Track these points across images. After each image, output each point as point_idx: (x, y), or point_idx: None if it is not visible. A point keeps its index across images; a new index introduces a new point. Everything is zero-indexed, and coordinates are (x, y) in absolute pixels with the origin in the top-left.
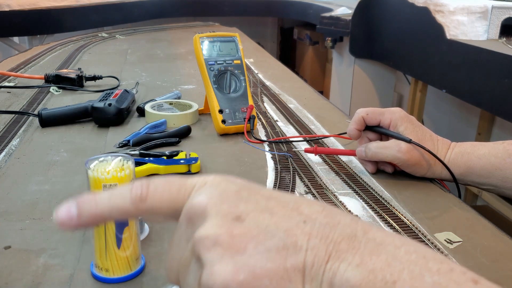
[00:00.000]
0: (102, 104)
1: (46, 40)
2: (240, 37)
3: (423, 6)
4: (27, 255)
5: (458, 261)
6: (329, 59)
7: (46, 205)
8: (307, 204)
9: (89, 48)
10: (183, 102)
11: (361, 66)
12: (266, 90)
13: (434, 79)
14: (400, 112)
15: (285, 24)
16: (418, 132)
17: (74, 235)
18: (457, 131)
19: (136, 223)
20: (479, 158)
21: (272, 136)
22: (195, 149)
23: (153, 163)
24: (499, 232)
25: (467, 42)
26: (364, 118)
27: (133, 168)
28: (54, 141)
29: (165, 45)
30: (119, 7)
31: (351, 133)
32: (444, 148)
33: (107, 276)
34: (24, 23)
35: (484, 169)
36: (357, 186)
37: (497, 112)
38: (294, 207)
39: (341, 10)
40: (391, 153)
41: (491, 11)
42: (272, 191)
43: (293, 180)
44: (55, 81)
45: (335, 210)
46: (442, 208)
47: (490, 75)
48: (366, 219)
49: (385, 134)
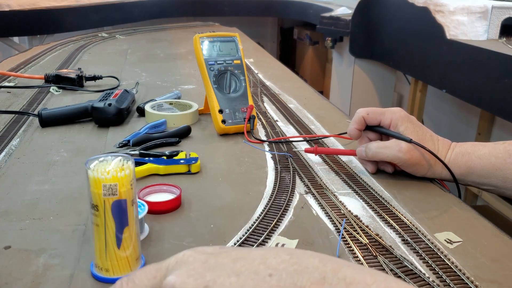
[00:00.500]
0: (102, 104)
1: (46, 40)
2: (240, 37)
3: (423, 6)
4: (27, 255)
5: (458, 261)
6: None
7: (46, 205)
8: (274, 255)
9: (89, 48)
10: (183, 102)
11: (361, 66)
12: (266, 90)
13: (434, 79)
14: (400, 112)
15: (285, 24)
16: (418, 132)
17: (74, 235)
18: (457, 131)
19: (136, 223)
20: (479, 158)
21: (272, 136)
22: (195, 149)
23: (153, 163)
24: (499, 232)
25: (467, 42)
26: (364, 118)
27: (133, 168)
28: (54, 141)
29: (165, 45)
30: (119, 7)
31: (352, 133)
32: (445, 148)
33: (107, 276)
34: (24, 23)
35: (484, 169)
36: (357, 186)
37: (497, 112)
38: (260, 261)
39: (341, 10)
40: (391, 153)
41: (491, 11)
42: (240, 249)
43: (293, 180)
44: (55, 81)
45: (304, 254)
46: (442, 208)
47: (490, 75)
48: (366, 219)
49: (385, 134)
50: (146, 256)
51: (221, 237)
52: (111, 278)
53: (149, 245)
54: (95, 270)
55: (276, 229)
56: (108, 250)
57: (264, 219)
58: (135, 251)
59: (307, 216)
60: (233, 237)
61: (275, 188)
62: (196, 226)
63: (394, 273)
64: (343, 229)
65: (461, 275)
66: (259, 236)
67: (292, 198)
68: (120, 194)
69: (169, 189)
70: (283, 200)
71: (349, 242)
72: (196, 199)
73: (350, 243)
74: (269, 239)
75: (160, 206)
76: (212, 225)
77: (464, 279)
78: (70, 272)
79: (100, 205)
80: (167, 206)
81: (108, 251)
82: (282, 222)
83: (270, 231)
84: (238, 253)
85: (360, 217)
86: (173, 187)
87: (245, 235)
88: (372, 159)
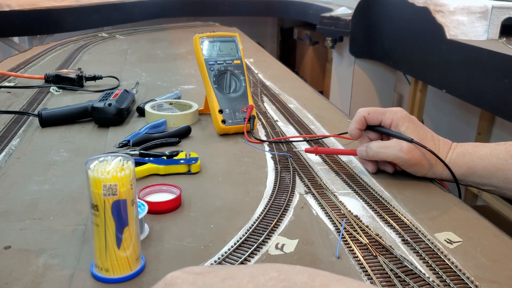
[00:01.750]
0: (102, 104)
1: (46, 40)
2: (240, 37)
3: (423, 6)
4: (27, 255)
5: (458, 261)
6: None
7: (46, 205)
8: (263, 273)
9: (89, 48)
10: (183, 102)
11: (361, 66)
12: (266, 90)
13: (434, 79)
14: (401, 112)
15: (285, 24)
16: (419, 132)
17: (74, 235)
18: (457, 131)
19: (136, 223)
20: (480, 158)
21: (272, 136)
22: (195, 149)
23: (153, 163)
24: (499, 232)
25: (467, 42)
26: (365, 118)
27: (133, 168)
28: (54, 141)
29: (165, 45)
30: (119, 7)
31: (352, 132)
32: (446, 149)
33: (107, 276)
34: (24, 23)
35: (485, 170)
36: (357, 186)
37: (497, 112)
38: (249, 280)
39: (341, 10)
40: (392, 153)
41: (491, 11)
42: (229, 268)
43: (293, 180)
44: (55, 81)
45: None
46: (442, 208)
47: (490, 75)
48: (366, 219)
49: (386, 133)
50: (146, 256)
51: (221, 237)
52: (111, 278)
53: (149, 245)
54: (95, 270)
55: (276, 229)
56: (108, 250)
57: (264, 219)
58: (135, 251)
59: (307, 216)
60: (233, 237)
61: (275, 188)
62: (196, 226)
63: (394, 273)
64: (343, 229)
65: (461, 275)
66: (259, 236)
67: (292, 198)
68: (120, 194)
69: (169, 189)
70: (283, 200)
71: (349, 242)
72: (196, 199)
73: (350, 243)
74: (269, 239)
75: (160, 206)
76: (212, 225)
77: (464, 279)
78: (70, 272)
79: (100, 205)
80: (167, 206)
81: (108, 251)
82: (282, 222)
83: (270, 231)
84: (227, 272)
85: (360, 217)
86: (173, 187)
87: (245, 235)
88: (372, 159)
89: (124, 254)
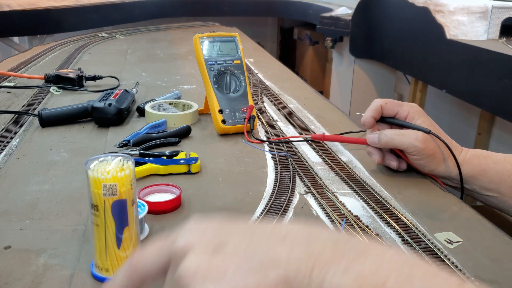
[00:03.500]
0: (102, 104)
1: (46, 40)
2: (240, 37)
3: (423, 6)
4: (27, 255)
5: (458, 261)
6: (329, 59)
7: (46, 205)
8: (287, 224)
9: (89, 48)
10: (183, 102)
11: (361, 66)
12: (266, 90)
13: (434, 79)
14: (417, 107)
15: (285, 24)
16: (435, 127)
17: (74, 235)
18: (457, 131)
19: (136, 223)
20: (495, 163)
21: (272, 136)
22: (195, 149)
23: (153, 163)
24: (499, 232)
25: (467, 42)
26: (382, 107)
27: (133, 168)
28: (54, 141)
29: (165, 45)
30: (119, 7)
31: (367, 120)
32: (459, 149)
33: (107, 276)
34: (24, 23)
35: (498, 174)
36: (357, 186)
37: (497, 112)
38: (273, 229)
39: (341, 10)
40: (408, 141)
41: (491, 11)
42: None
43: (293, 180)
44: (55, 81)
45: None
46: (442, 208)
47: (490, 75)
48: (366, 219)
49: (401, 125)
50: None
51: None
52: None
53: None
54: (95, 270)
55: None
56: (108, 250)
57: (264, 219)
58: (135, 251)
59: (307, 216)
60: None
61: (275, 188)
62: None
63: None
64: (343, 229)
65: (461, 275)
66: None
67: (292, 198)
68: (120, 194)
69: (169, 189)
70: (283, 200)
71: None
72: (196, 199)
73: None
74: None
75: (160, 206)
76: None
77: (464, 279)
78: (70, 272)
79: (100, 205)
80: (167, 206)
81: (108, 251)
82: (282, 222)
83: None
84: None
85: (360, 217)
86: (173, 187)
87: None
88: (384, 146)
89: (124, 254)
